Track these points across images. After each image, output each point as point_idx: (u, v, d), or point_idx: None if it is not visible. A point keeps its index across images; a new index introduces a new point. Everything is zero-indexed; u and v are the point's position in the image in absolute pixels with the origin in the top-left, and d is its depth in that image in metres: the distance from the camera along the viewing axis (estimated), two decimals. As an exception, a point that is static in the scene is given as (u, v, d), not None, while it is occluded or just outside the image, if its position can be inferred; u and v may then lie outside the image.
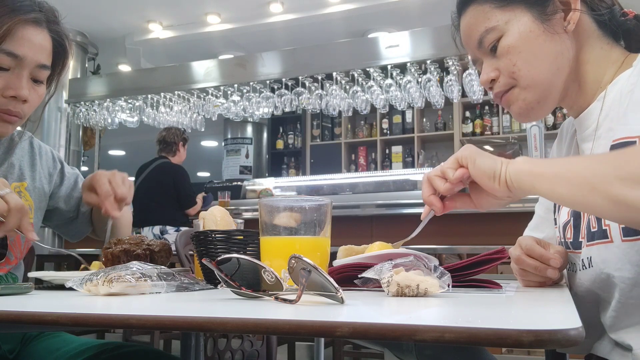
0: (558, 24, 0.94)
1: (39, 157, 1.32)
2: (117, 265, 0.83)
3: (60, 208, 1.35)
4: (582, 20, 0.95)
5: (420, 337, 0.43)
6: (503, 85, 0.97)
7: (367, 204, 3.33)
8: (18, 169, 1.26)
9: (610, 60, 0.96)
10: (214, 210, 1.13)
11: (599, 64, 0.96)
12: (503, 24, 0.95)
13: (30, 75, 1.12)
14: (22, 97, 1.09)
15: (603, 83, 0.95)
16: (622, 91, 0.90)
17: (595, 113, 0.95)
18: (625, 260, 0.83)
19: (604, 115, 0.93)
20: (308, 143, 6.71)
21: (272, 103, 4.21)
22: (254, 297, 0.69)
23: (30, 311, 0.59)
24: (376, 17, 5.16)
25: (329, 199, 0.88)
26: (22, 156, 1.28)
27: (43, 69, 1.14)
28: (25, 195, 1.24)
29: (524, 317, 0.57)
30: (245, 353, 1.59)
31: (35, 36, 1.11)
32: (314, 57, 4.11)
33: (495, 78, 0.98)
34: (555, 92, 0.97)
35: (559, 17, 0.94)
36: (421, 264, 0.75)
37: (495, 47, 0.96)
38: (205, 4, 5.10)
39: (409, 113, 6.05)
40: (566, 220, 0.98)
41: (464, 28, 1.02)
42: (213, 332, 1.48)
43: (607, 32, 0.97)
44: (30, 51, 1.10)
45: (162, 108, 4.68)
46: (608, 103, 0.93)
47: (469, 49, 1.03)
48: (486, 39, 0.97)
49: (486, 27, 0.96)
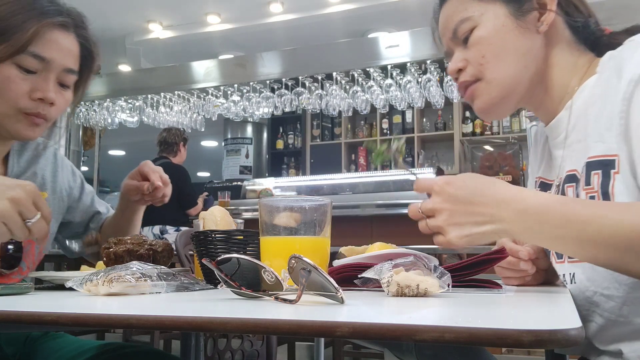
0: (532, 22, 0.94)
1: (61, 169, 1.33)
2: (117, 265, 0.83)
3: (74, 222, 1.36)
4: (556, 23, 0.95)
5: (420, 337, 0.43)
6: (469, 76, 0.97)
7: (367, 204, 3.33)
8: (40, 178, 1.27)
9: (578, 65, 0.96)
10: (214, 210, 1.13)
11: (566, 69, 0.96)
12: (478, 15, 0.96)
13: (57, 80, 1.12)
14: (49, 100, 1.09)
15: (570, 89, 0.95)
16: (588, 101, 0.90)
17: (564, 122, 0.95)
18: (613, 280, 0.82)
19: (572, 125, 0.93)
20: (308, 143, 6.72)
21: (272, 103, 4.20)
22: (254, 297, 0.69)
23: (30, 311, 0.59)
24: (376, 17, 5.16)
25: (329, 199, 0.88)
26: (46, 166, 1.30)
27: (70, 73, 1.14)
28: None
29: (524, 317, 0.57)
30: (245, 353, 1.59)
31: (62, 40, 1.11)
32: (314, 57, 4.11)
33: (462, 68, 0.98)
34: (519, 90, 0.96)
35: (534, 16, 0.94)
36: (421, 264, 0.75)
37: (468, 37, 0.96)
38: (205, 4, 5.10)
39: (409, 113, 6.05)
40: None
41: (442, 19, 1.02)
42: (213, 332, 1.48)
43: (579, 39, 0.97)
44: (58, 55, 1.10)
45: (162, 108, 4.67)
46: (575, 113, 0.93)
47: (444, 39, 1.03)
48: (460, 29, 0.97)
49: (462, 17, 0.97)
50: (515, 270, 0.96)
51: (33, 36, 1.06)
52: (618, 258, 0.71)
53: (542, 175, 1.07)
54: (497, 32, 0.94)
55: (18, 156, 1.24)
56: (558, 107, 0.97)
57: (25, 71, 1.07)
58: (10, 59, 1.06)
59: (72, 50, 1.13)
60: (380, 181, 4.54)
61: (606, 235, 0.70)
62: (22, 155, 1.26)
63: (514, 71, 0.94)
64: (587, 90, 0.91)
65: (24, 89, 1.07)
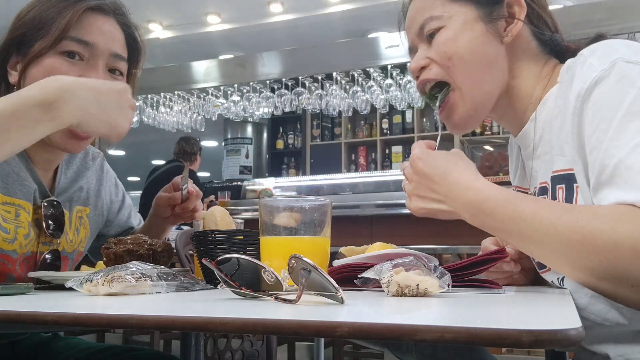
0: (498, 31, 0.94)
1: (105, 182, 1.30)
2: (117, 265, 0.82)
3: (110, 235, 1.32)
4: (522, 35, 0.95)
5: (420, 337, 0.43)
6: (433, 74, 0.96)
7: (367, 204, 3.33)
8: (85, 193, 1.23)
9: (542, 74, 0.96)
10: (214, 210, 1.13)
11: (530, 79, 0.96)
12: (447, 17, 0.95)
13: (107, 66, 1.07)
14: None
15: (533, 99, 0.95)
16: (552, 113, 0.89)
17: (530, 134, 0.95)
18: None
19: (539, 136, 0.94)
20: (308, 143, 6.71)
21: (272, 103, 4.21)
22: (254, 297, 0.69)
23: (31, 311, 0.59)
24: (376, 17, 5.15)
25: (329, 199, 0.88)
26: (91, 180, 1.26)
27: (119, 59, 1.08)
28: (85, 223, 1.22)
29: (524, 317, 0.57)
30: (245, 353, 1.59)
31: (103, 24, 1.07)
32: (314, 57, 4.11)
33: (425, 66, 0.97)
34: (489, 99, 0.96)
35: (501, 25, 0.94)
36: (421, 264, 0.75)
37: (433, 35, 0.96)
38: (205, 4, 5.11)
39: (409, 113, 6.05)
40: None
41: (411, 11, 1.01)
42: (213, 332, 1.48)
43: (545, 49, 0.97)
44: (101, 39, 1.05)
45: (162, 108, 4.68)
46: (540, 124, 0.93)
47: (409, 34, 1.02)
48: (427, 26, 0.96)
49: (431, 14, 0.96)
50: (501, 272, 0.96)
51: (71, 21, 1.01)
52: (551, 257, 0.75)
53: (518, 184, 1.07)
54: (464, 35, 0.93)
55: (66, 167, 1.20)
56: (523, 118, 0.97)
57: (71, 57, 1.02)
58: (53, 49, 1.01)
59: (115, 35, 1.09)
60: (380, 181, 4.54)
61: (542, 234, 0.73)
62: (70, 166, 1.21)
63: (482, 78, 0.94)
64: (550, 101, 0.91)
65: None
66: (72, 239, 1.17)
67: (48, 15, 1.02)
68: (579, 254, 0.70)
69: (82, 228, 1.21)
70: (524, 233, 0.75)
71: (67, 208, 1.17)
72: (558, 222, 0.72)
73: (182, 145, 4.53)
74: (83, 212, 1.22)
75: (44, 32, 1.02)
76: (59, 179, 1.17)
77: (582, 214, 0.71)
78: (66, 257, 1.17)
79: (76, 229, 1.19)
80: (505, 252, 0.89)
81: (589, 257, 0.69)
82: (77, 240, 1.19)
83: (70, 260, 1.18)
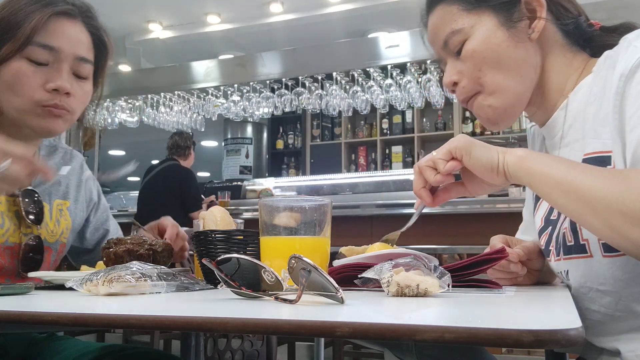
0: (523, 31, 0.94)
1: (85, 180, 1.32)
2: (117, 265, 0.82)
3: (85, 237, 1.33)
4: (547, 28, 0.95)
5: (420, 337, 0.43)
6: (469, 91, 0.97)
7: (367, 204, 3.33)
8: (65, 187, 1.25)
9: (573, 67, 0.96)
10: (214, 210, 1.12)
11: (561, 72, 0.96)
12: (469, 28, 0.95)
13: (72, 70, 1.10)
14: (63, 89, 1.07)
15: (565, 91, 0.95)
16: (586, 101, 0.90)
17: (559, 122, 0.95)
18: (609, 276, 0.83)
19: (569, 125, 0.94)
20: (308, 143, 6.72)
21: (272, 103, 4.21)
22: (254, 297, 0.69)
23: (30, 311, 0.59)
24: (376, 17, 5.15)
25: (329, 199, 0.88)
26: (71, 176, 1.28)
27: (84, 62, 1.12)
28: (65, 215, 1.24)
29: (524, 317, 0.57)
30: (245, 353, 1.60)
31: (69, 28, 1.09)
32: (314, 57, 4.11)
33: (457, 81, 0.98)
34: (522, 99, 0.97)
35: (524, 25, 0.94)
36: (421, 264, 0.75)
37: (460, 50, 0.96)
38: (205, 4, 5.11)
39: (409, 113, 6.05)
40: (540, 226, 0.99)
41: (431, 27, 1.01)
42: (213, 332, 1.48)
43: (572, 41, 0.97)
44: (66, 43, 1.08)
45: (162, 108, 4.68)
46: (571, 112, 0.93)
47: (434, 48, 1.03)
48: (451, 41, 0.97)
49: (452, 28, 0.96)
50: (506, 272, 0.96)
51: (37, 26, 1.04)
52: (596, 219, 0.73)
53: None
54: (489, 43, 0.93)
55: (45, 161, 1.22)
56: (554, 109, 0.97)
57: (36, 64, 1.06)
58: (19, 53, 1.05)
59: (81, 38, 1.12)
60: (380, 181, 4.54)
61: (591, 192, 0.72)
62: (49, 161, 1.23)
63: (512, 82, 0.94)
64: (584, 89, 0.92)
65: (37, 81, 1.06)
66: (52, 229, 1.18)
67: (16, 19, 1.05)
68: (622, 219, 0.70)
69: (62, 220, 1.22)
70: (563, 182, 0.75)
71: (47, 200, 1.19)
72: (613, 176, 0.73)
73: (176, 139, 4.46)
74: (63, 205, 1.24)
75: (10, 36, 1.05)
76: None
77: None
78: (49, 248, 1.17)
79: (57, 220, 1.21)
80: (506, 252, 0.89)
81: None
82: (59, 231, 1.20)
83: (54, 250, 1.19)
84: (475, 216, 2.88)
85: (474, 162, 0.84)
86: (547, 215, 0.98)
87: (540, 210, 1.01)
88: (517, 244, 1.00)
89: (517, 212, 1.26)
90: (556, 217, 0.94)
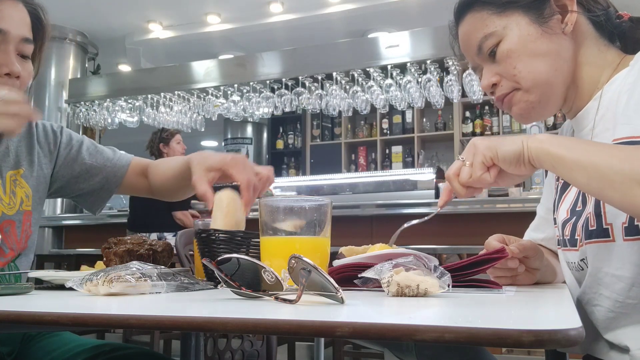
0: (556, 25, 0.95)
1: (37, 137, 1.27)
2: (117, 265, 0.83)
3: (71, 184, 1.30)
4: (579, 21, 0.96)
5: (420, 337, 0.43)
6: (506, 89, 0.98)
7: (367, 204, 3.32)
8: (14, 155, 1.22)
9: (607, 61, 0.97)
10: (221, 195, 1.05)
11: (596, 65, 0.97)
12: (501, 29, 0.96)
13: (16, 51, 1.10)
14: (15, 73, 1.07)
15: (600, 84, 0.96)
16: (620, 91, 0.90)
17: (592, 112, 0.96)
18: (626, 260, 0.84)
19: (601, 115, 0.94)
20: (308, 143, 6.71)
21: (272, 103, 4.20)
22: (254, 297, 0.69)
23: (30, 311, 0.59)
24: (376, 17, 5.15)
25: (329, 199, 0.88)
26: (19, 141, 1.24)
27: (27, 42, 1.12)
28: (21, 183, 1.21)
29: (524, 317, 0.57)
30: (245, 353, 1.60)
31: (13, 10, 1.10)
32: (314, 57, 4.11)
33: (496, 82, 0.99)
34: (556, 93, 0.97)
35: (556, 19, 0.95)
36: (421, 264, 0.75)
37: (494, 52, 0.97)
38: (205, 4, 5.10)
39: (409, 113, 6.04)
40: (565, 218, 0.99)
41: (462, 36, 1.03)
42: (213, 332, 1.48)
43: (603, 34, 0.98)
44: (12, 25, 1.09)
45: (162, 108, 4.67)
46: (605, 103, 0.94)
47: (468, 56, 1.04)
48: (485, 45, 0.98)
49: (485, 33, 0.97)
50: (505, 269, 0.96)
51: None
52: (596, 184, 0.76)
53: None
54: (523, 42, 0.95)
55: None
56: (587, 101, 0.98)
57: None
58: None
59: (24, 19, 1.12)
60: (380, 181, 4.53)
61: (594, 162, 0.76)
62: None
63: (547, 76, 0.95)
64: (618, 81, 0.93)
65: None
66: (8, 202, 1.17)
67: None
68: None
69: (18, 189, 1.20)
70: (584, 159, 0.76)
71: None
72: (612, 158, 0.75)
73: (150, 137, 4.14)
74: (17, 175, 1.21)
75: None
76: None
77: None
78: (11, 220, 1.16)
79: (12, 191, 1.18)
80: (505, 251, 0.89)
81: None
82: (17, 201, 1.19)
83: (17, 222, 1.17)
84: (475, 216, 2.88)
85: (503, 161, 0.85)
86: (572, 207, 0.98)
87: (565, 202, 1.02)
88: (514, 242, 1.01)
89: (517, 212, 1.27)
90: (581, 207, 0.95)
